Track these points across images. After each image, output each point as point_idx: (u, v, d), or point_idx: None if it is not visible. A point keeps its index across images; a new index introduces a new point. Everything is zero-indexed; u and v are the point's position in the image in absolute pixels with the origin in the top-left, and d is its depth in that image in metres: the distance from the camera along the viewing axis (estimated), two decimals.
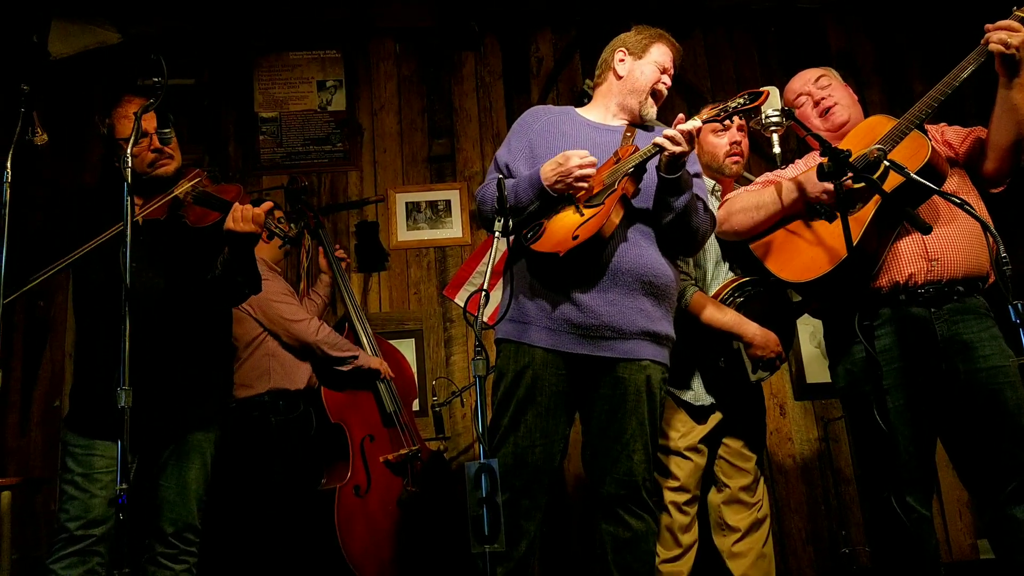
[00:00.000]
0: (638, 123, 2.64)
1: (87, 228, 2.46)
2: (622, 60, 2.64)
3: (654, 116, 2.63)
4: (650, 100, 2.60)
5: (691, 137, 2.27)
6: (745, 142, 3.05)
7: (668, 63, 2.63)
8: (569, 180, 2.32)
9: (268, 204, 2.49)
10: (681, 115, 2.35)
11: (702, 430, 2.88)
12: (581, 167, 2.31)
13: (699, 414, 2.88)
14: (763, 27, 5.11)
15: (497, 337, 2.50)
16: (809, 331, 4.56)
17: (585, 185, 2.33)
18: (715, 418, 2.90)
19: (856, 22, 5.15)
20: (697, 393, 2.87)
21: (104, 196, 2.52)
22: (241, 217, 2.42)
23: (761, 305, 2.86)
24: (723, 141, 2.98)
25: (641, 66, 2.61)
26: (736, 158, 3.00)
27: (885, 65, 5.07)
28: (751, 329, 2.76)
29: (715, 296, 2.86)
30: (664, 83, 2.62)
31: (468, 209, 4.65)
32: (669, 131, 2.27)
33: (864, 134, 2.54)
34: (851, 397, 2.58)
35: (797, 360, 4.58)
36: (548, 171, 2.35)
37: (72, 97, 4.65)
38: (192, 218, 2.53)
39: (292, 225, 2.62)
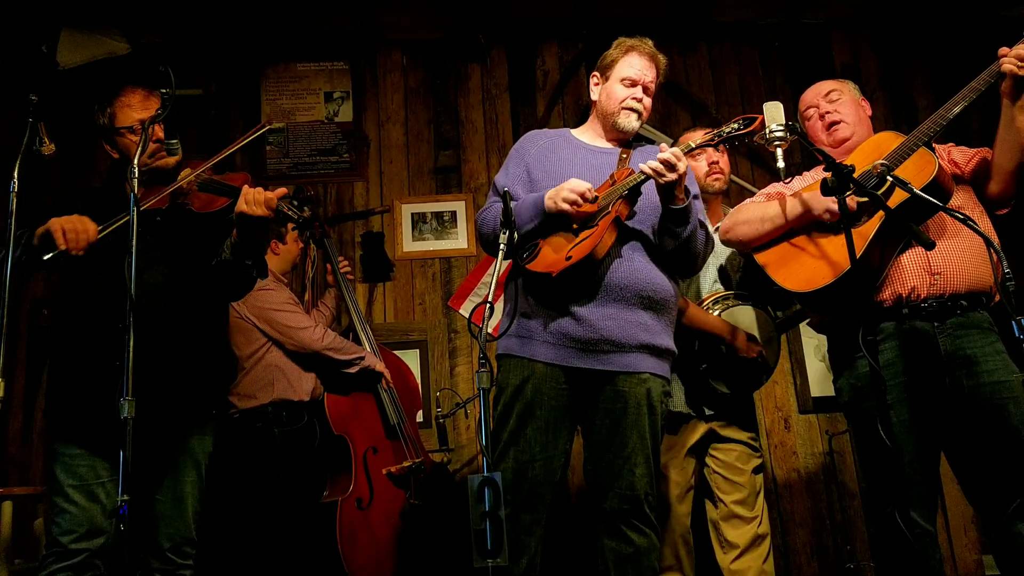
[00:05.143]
0: (627, 140, 2.66)
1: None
2: (596, 84, 2.67)
3: (635, 127, 2.61)
4: (623, 113, 2.58)
5: (672, 165, 2.27)
6: (724, 159, 3.10)
7: (635, 74, 2.57)
8: (559, 204, 2.34)
9: (282, 190, 2.46)
10: (663, 144, 2.37)
11: (686, 444, 2.91)
12: (573, 190, 2.33)
13: (674, 421, 2.91)
14: (768, 41, 5.12)
15: (498, 352, 2.50)
16: (814, 345, 4.56)
17: (573, 210, 2.33)
18: (700, 429, 2.92)
19: (861, 37, 5.16)
20: (675, 400, 2.88)
21: (108, 193, 2.51)
22: (254, 200, 2.37)
23: (748, 315, 2.96)
24: (700, 163, 3.06)
25: (608, 89, 2.62)
26: (717, 175, 3.06)
27: (890, 80, 5.08)
28: (729, 329, 2.85)
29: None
30: (635, 97, 2.57)
31: (473, 220, 4.64)
32: (652, 162, 2.29)
33: (871, 150, 2.54)
34: (855, 411, 2.58)
35: (802, 374, 4.57)
36: (550, 194, 2.39)
37: (80, 107, 4.66)
38: (197, 204, 2.49)
39: (306, 208, 2.58)
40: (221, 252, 2.50)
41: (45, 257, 2.22)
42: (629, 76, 2.57)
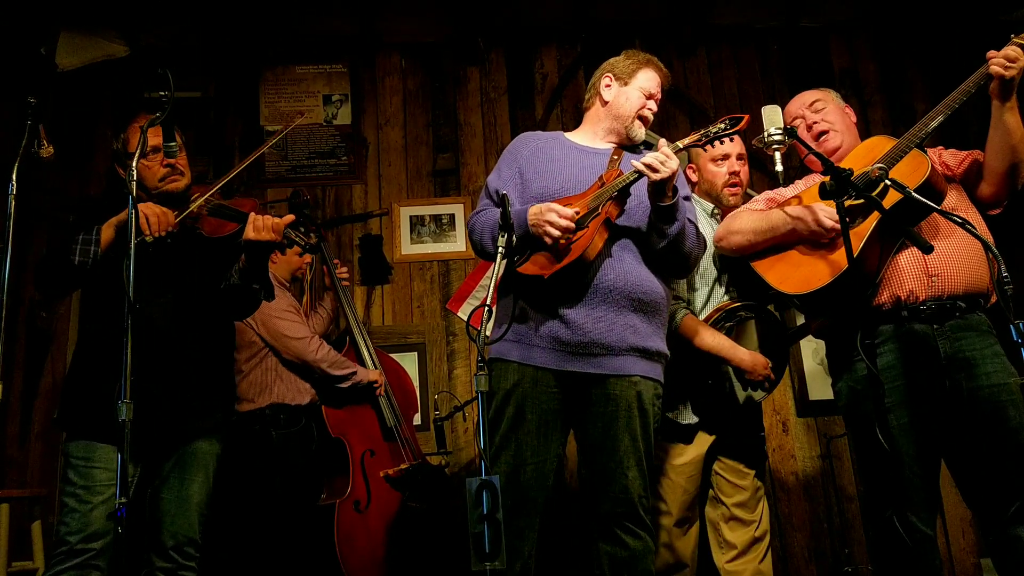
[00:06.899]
0: (626, 144, 2.67)
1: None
2: (608, 86, 2.68)
3: (642, 136, 2.66)
4: (637, 123, 2.63)
5: (663, 162, 2.28)
6: (744, 171, 3.04)
7: (654, 88, 2.66)
8: (540, 231, 2.35)
9: (290, 217, 2.54)
10: (663, 140, 2.37)
11: (695, 454, 2.88)
12: (554, 224, 2.32)
13: (684, 433, 2.88)
14: (767, 46, 5.13)
15: (490, 356, 2.50)
16: (812, 348, 4.56)
17: (549, 242, 2.34)
18: (707, 440, 2.90)
19: (860, 41, 5.17)
20: (682, 413, 2.86)
21: (111, 207, 2.53)
22: (262, 226, 2.46)
23: (758, 328, 2.89)
24: (722, 170, 2.98)
25: (627, 92, 2.64)
26: (735, 189, 2.99)
27: (888, 84, 5.09)
28: (740, 353, 2.78)
29: (705, 320, 2.87)
30: (650, 108, 2.65)
31: None
32: (646, 158, 2.29)
33: (864, 153, 2.55)
34: (854, 415, 2.57)
35: (800, 377, 4.57)
36: (532, 213, 2.38)
37: (79, 109, 4.67)
38: (208, 229, 2.58)
39: (312, 234, 2.65)
40: (230, 276, 2.59)
41: (134, 241, 2.29)
42: (648, 88, 2.64)
